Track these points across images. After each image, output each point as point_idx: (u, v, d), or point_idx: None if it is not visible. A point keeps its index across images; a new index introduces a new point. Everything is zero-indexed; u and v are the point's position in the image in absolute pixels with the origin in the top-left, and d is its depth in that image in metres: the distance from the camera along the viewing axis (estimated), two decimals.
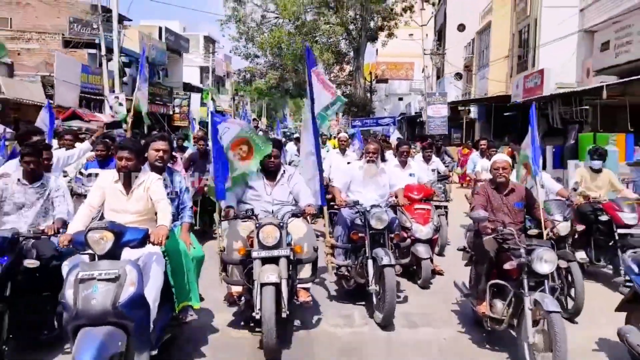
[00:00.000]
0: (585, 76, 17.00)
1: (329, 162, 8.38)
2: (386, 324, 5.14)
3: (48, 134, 7.60)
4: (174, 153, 5.84)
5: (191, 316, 4.32)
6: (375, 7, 28.12)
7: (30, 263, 3.96)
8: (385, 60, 43.22)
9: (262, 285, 4.20)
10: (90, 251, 3.37)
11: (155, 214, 4.06)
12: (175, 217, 4.57)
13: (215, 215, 5.27)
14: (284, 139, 17.30)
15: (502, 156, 5.20)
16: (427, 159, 8.57)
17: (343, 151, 8.85)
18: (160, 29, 30.96)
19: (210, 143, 8.85)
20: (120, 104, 17.16)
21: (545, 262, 4.09)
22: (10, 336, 3.92)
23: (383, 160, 6.27)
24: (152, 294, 3.72)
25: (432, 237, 6.56)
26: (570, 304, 5.26)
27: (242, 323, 4.55)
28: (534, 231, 4.69)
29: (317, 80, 5.52)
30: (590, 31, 16.49)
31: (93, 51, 22.89)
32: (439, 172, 8.54)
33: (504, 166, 4.89)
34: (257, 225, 4.56)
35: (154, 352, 3.70)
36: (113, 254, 3.40)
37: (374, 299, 5.32)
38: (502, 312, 4.44)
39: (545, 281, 4.19)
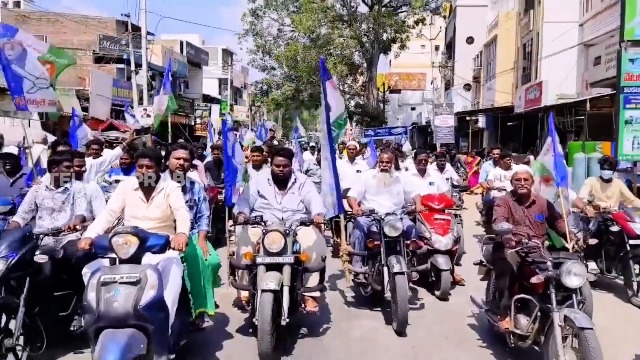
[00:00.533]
0: (584, 88, 17.60)
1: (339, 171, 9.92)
2: (400, 330, 5.10)
3: (73, 142, 8.07)
4: (194, 162, 6.23)
5: (207, 322, 4.41)
6: (387, 21, 28.71)
7: (41, 258, 4.08)
8: (398, 71, 43.32)
9: (262, 291, 4.24)
10: (111, 255, 3.50)
11: (174, 221, 4.19)
12: (193, 225, 4.64)
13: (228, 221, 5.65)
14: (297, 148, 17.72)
15: (523, 167, 5.17)
16: (440, 168, 8.76)
17: (352, 160, 8.93)
18: (181, 43, 32.83)
19: None
20: (148, 115, 18.84)
21: (574, 275, 3.96)
22: (41, 329, 3.98)
23: (397, 168, 6.37)
24: (171, 298, 3.83)
25: (452, 248, 6.44)
26: None
27: (250, 330, 4.51)
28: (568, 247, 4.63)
29: (333, 89, 5.86)
30: (588, 45, 17.19)
31: (121, 66, 24.86)
32: (452, 181, 8.68)
33: (525, 177, 4.80)
34: (264, 231, 4.64)
35: (172, 357, 3.76)
36: (135, 259, 3.50)
37: (392, 307, 5.25)
38: (527, 328, 4.25)
39: (574, 295, 4.04)
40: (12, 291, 3.94)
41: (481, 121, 23.94)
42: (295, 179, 5.31)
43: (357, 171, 8.45)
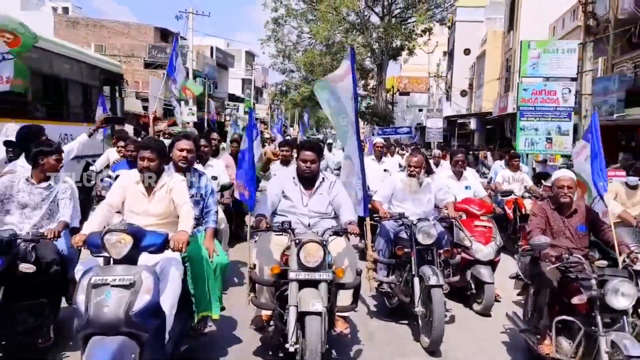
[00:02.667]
0: None
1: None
2: (433, 349, 4.58)
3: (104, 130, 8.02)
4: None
5: (210, 327, 4.05)
6: (395, 32, 31.10)
7: (26, 268, 3.72)
8: (408, 74, 46.21)
9: (305, 314, 3.62)
10: (105, 254, 3.21)
11: (177, 217, 3.81)
12: (199, 222, 4.28)
13: (246, 228, 4.92)
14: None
15: (567, 172, 4.53)
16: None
17: (379, 158, 8.42)
18: (212, 48, 38.00)
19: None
20: (193, 114, 24.13)
21: (622, 295, 3.51)
22: (2, 342, 3.75)
23: (428, 173, 5.61)
24: (169, 302, 3.47)
25: (495, 259, 5.85)
26: None
27: (270, 352, 4.02)
28: (602, 263, 3.88)
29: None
30: None
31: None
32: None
33: (569, 185, 4.27)
34: (297, 241, 3.92)
35: None
36: (130, 259, 3.21)
37: (420, 321, 4.77)
38: (570, 353, 3.80)
39: (624, 317, 3.59)
40: None
41: (473, 123, 29.25)
42: (323, 178, 4.60)
43: (385, 170, 8.09)
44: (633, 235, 4.93)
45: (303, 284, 3.85)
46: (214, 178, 5.93)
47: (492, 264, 5.85)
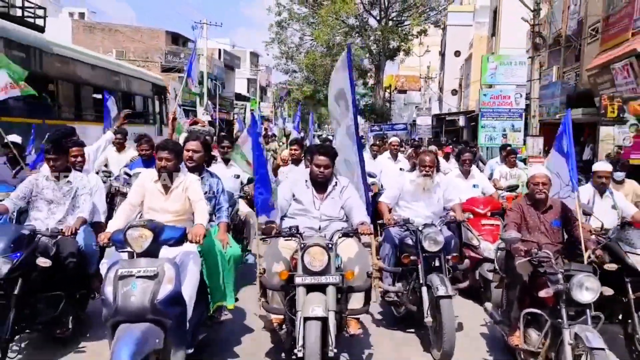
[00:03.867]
0: None
1: (380, 167, 7.90)
2: None
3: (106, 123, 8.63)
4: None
5: (225, 315, 4.25)
6: (391, 35, 32.77)
7: (43, 262, 3.95)
8: (405, 73, 48.21)
9: (306, 319, 3.62)
10: (128, 249, 3.45)
11: (193, 214, 4.06)
12: (212, 218, 4.52)
13: (253, 234, 4.94)
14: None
15: (541, 169, 4.62)
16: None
17: (395, 156, 8.32)
18: (219, 50, 40.44)
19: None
20: (207, 113, 27.12)
21: (586, 289, 3.60)
22: (27, 331, 4.08)
23: (438, 171, 5.47)
24: (188, 293, 3.71)
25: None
26: None
27: (283, 355, 4.06)
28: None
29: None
30: None
31: (182, 75, 34.36)
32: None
33: (544, 181, 4.37)
34: (302, 245, 3.91)
35: (190, 351, 3.67)
36: (151, 252, 3.44)
37: (430, 333, 4.58)
38: (538, 344, 3.88)
39: (587, 311, 3.66)
40: (2, 290, 3.81)
41: (462, 120, 31.08)
42: (336, 182, 4.53)
43: (400, 169, 7.85)
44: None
45: (311, 288, 3.83)
46: (237, 176, 6.41)
47: None
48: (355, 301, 4.18)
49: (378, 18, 33.85)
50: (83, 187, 4.65)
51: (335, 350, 3.69)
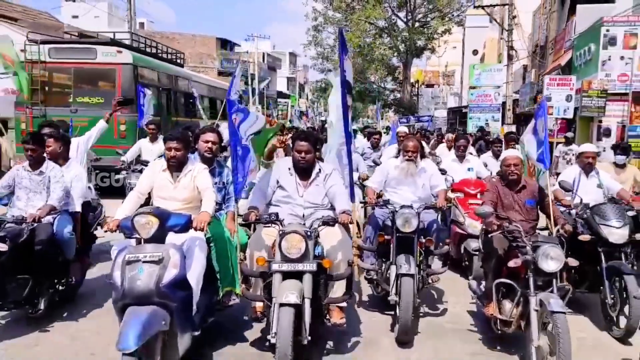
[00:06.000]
0: None
1: (387, 157, 8.07)
2: (403, 341, 4.40)
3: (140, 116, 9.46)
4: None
5: (234, 300, 4.30)
6: (417, 36, 35.41)
7: (0, 247, 4.20)
8: (432, 69, 52.22)
9: (280, 305, 3.55)
10: (136, 235, 3.59)
11: (201, 202, 4.14)
12: (222, 207, 4.66)
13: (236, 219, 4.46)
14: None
15: (513, 152, 4.95)
16: (496, 155, 8.25)
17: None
18: (263, 54, 45.52)
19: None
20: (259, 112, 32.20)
21: (551, 259, 3.83)
22: (4, 309, 4.49)
23: (422, 157, 5.54)
24: (195, 277, 3.78)
25: None
26: (623, 322, 4.63)
27: (267, 344, 3.71)
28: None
29: (350, 65, 5.15)
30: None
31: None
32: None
33: (515, 163, 4.60)
34: (281, 232, 3.82)
35: (197, 333, 3.73)
36: (158, 238, 3.57)
37: (397, 311, 4.49)
38: (510, 313, 4.10)
39: (554, 280, 3.89)
40: None
41: None
42: (320, 169, 4.45)
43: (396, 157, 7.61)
44: (620, 212, 5.13)
45: (287, 276, 3.76)
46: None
47: None
48: (337, 289, 4.09)
49: (405, 20, 36.21)
50: (54, 176, 4.79)
51: (309, 338, 3.61)
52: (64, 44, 12.27)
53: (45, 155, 4.99)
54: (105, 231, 3.94)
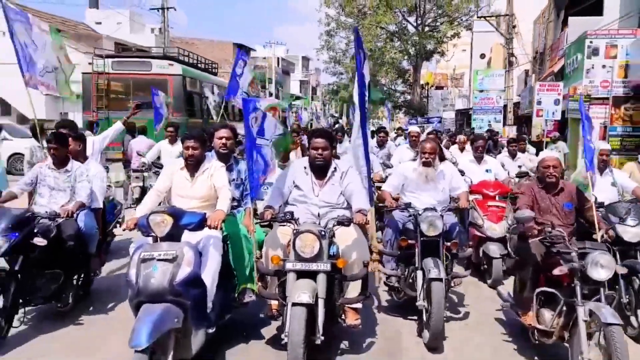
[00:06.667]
0: None
1: (399, 157, 8.06)
2: (433, 346, 4.28)
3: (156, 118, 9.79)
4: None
5: (250, 297, 4.29)
6: (426, 41, 36.56)
7: (39, 241, 4.26)
8: (441, 71, 52.03)
9: (293, 304, 3.54)
10: (152, 234, 3.62)
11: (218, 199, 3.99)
12: (240, 204, 4.66)
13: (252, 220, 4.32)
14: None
15: (552, 153, 4.73)
16: (512, 155, 8.56)
17: (414, 146, 8.20)
18: (278, 58, 46.56)
19: (305, 137, 10.08)
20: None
21: (601, 267, 3.62)
22: (32, 305, 4.51)
23: (442, 160, 5.33)
24: (210, 275, 3.78)
25: (506, 236, 5.68)
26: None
27: (282, 343, 3.63)
28: (605, 235, 4.32)
29: (367, 64, 5.03)
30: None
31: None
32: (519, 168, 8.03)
33: (554, 164, 4.40)
34: (295, 231, 3.81)
35: (211, 330, 3.74)
36: (173, 236, 3.60)
37: (424, 316, 4.41)
38: (551, 324, 3.87)
39: (601, 289, 3.67)
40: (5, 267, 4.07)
41: None
42: (335, 167, 4.40)
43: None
44: (636, 210, 5.04)
45: (302, 275, 3.75)
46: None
47: (504, 241, 5.78)
48: (351, 290, 4.04)
49: (415, 24, 37.21)
50: (80, 174, 4.91)
51: (322, 338, 3.57)
52: (125, 58, 14.79)
53: (68, 154, 5.04)
54: (124, 230, 4.00)
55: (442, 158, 5.39)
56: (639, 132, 14.56)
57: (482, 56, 41.13)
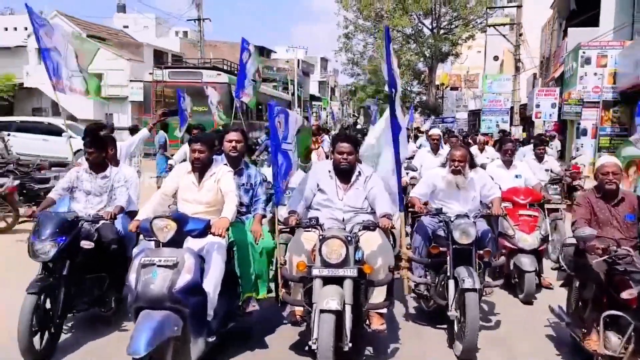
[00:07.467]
0: None
1: (420, 161, 7.84)
2: (466, 358, 4.09)
3: (181, 117, 9.93)
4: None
5: (253, 307, 4.17)
6: (441, 44, 37.49)
7: (86, 244, 4.20)
8: (456, 72, 51.90)
9: (321, 311, 3.50)
10: (154, 238, 3.54)
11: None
12: (249, 209, 4.52)
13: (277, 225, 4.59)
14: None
15: (611, 158, 4.26)
16: (539, 158, 7.79)
17: (435, 150, 8.07)
18: (298, 60, 47.11)
19: (326, 137, 11.64)
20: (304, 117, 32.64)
21: None
22: (75, 312, 4.35)
23: (472, 167, 5.07)
24: (212, 283, 3.67)
25: (539, 248, 5.64)
26: None
27: (306, 348, 3.65)
28: None
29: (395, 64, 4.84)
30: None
31: (274, 83, 39.31)
32: (552, 172, 7.65)
33: (614, 170, 3.96)
34: (321, 237, 3.75)
35: (212, 339, 3.65)
36: (176, 242, 3.53)
37: (455, 327, 4.26)
38: (620, 349, 3.51)
39: None
40: (52, 272, 4.11)
41: None
42: (359, 172, 4.33)
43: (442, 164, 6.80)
44: None
45: (328, 281, 3.68)
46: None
47: (537, 253, 5.61)
48: (376, 295, 3.95)
49: (431, 27, 37.99)
50: (118, 180, 4.88)
51: (350, 345, 3.50)
52: (180, 69, 17.66)
53: (105, 159, 4.95)
54: (118, 232, 3.84)
55: (473, 165, 5.16)
56: (626, 132, 16.14)
57: (496, 58, 43.12)
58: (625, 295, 3.44)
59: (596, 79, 17.20)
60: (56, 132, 15.68)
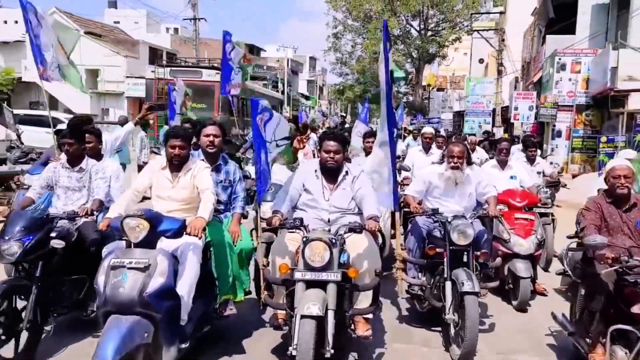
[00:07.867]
0: None
1: (411, 160, 7.60)
2: None
3: (171, 111, 9.90)
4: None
5: (230, 310, 3.98)
6: (428, 46, 37.96)
7: (57, 243, 3.87)
8: (443, 74, 52.54)
9: (302, 317, 3.33)
10: (125, 238, 3.32)
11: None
12: (228, 207, 4.28)
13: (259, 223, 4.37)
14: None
15: (623, 161, 4.06)
16: (531, 160, 7.40)
17: (427, 149, 7.83)
18: (287, 59, 48.08)
19: (312, 135, 11.49)
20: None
21: None
22: (55, 315, 4.02)
23: (469, 163, 5.00)
24: (186, 285, 3.46)
25: (534, 253, 5.44)
26: None
27: (288, 353, 3.43)
28: None
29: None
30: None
31: (265, 81, 38.39)
32: (544, 175, 7.42)
33: (626, 174, 3.77)
34: (304, 239, 3.58)
35: (185, 345, 3.43)
36: (148, 243, 3.30)
37: (451, 330, 4.15)
38: None
39: None
40: (26, 274, 3.86)
41: None
42: (346, 172, 4.16)
43: (433, 163, 6.70)
44: None
45: (311, 284, 3.52)
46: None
47: (532, 258, 5.41)
48: (362, 300, 3.78)
49: (418, 29, 38.54)
50: (96, 172, 4.50)
51: (331, 351, 3.34)
52: (180, 67, 18.33)
53: (85, 151, 4.62)
54: (92, 232, 3.73)
55: (469, 162, 5.08)
56: (597, 134, 17.44)
57: (481, 61, 44.39)
58: (636, 309, 3.29)
59: (570, 84, 18.19)
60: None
